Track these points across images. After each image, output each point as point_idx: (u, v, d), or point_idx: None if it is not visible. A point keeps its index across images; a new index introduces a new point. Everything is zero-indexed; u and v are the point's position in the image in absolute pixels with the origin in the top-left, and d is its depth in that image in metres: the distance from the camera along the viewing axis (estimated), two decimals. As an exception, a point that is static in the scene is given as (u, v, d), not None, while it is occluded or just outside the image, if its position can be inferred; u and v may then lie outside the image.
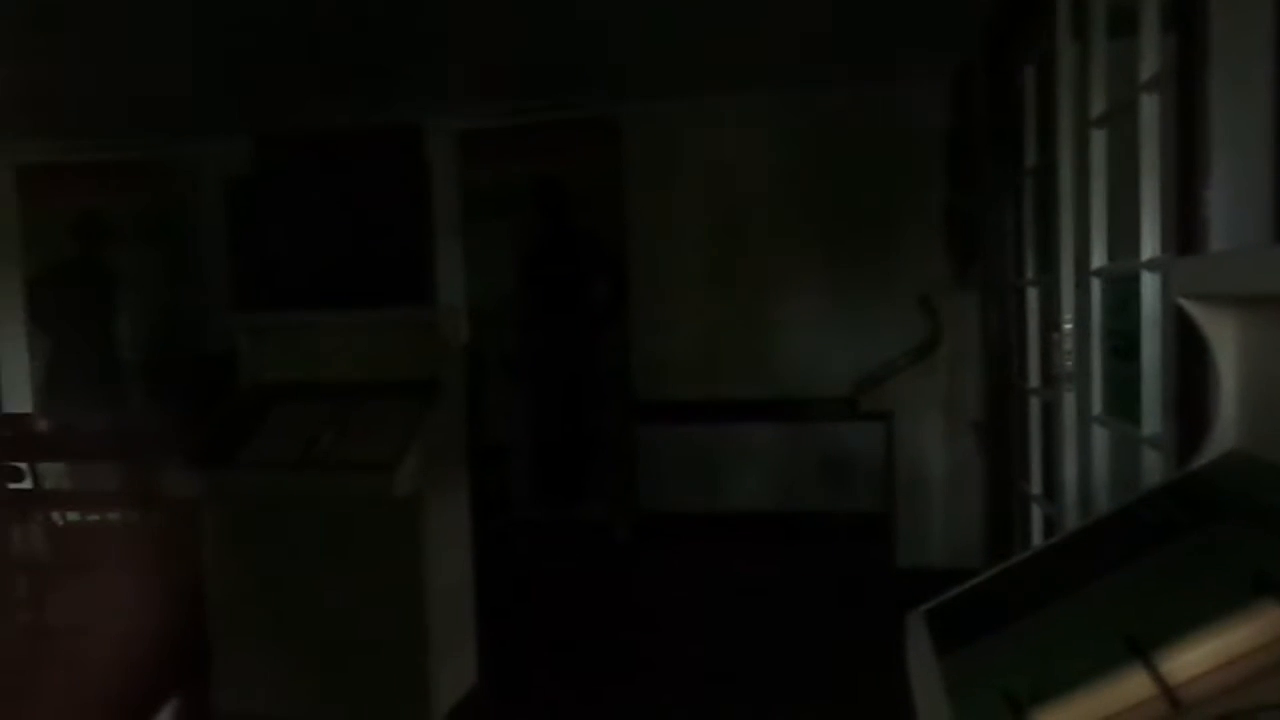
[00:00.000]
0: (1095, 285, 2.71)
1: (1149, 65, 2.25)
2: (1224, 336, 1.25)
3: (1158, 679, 0.90)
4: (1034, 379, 3.54)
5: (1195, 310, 1.25)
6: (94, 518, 4.84)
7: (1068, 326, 2.90)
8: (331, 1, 3.99)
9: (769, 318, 5.80)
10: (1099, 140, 2.65)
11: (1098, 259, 2.69)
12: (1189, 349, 1.78)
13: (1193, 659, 0.90)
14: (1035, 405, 3.51)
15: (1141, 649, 0.93)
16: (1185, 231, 1.87)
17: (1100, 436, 2.69)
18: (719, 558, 5.15)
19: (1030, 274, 3.65)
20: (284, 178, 6.22)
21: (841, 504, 5.55)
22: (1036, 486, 3.48)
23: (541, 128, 5.87)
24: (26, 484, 4.65)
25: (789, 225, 5.75)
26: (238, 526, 3.42)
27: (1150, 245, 2.29)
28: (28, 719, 3.26)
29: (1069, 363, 2.89)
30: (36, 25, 3.98)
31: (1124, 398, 2.69)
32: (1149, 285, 2.31)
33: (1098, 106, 2.64)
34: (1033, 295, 3.59)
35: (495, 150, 6.01)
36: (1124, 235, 2.52)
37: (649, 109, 5.68)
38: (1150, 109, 2.26)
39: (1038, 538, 3.47)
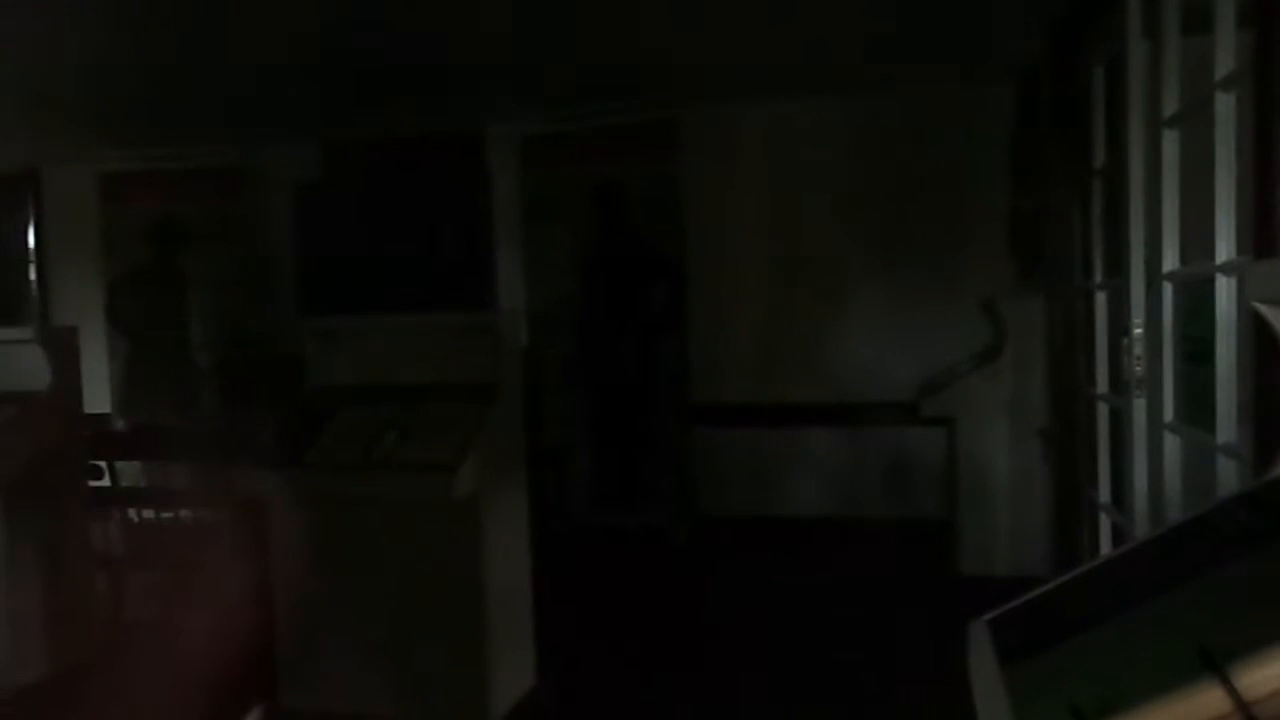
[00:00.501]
0: (1167, 289, 2.64)
1: (1224, 63, 2.18)
2: (1303, 342, 1.21)
3: (1233, 694, 0.87)
4: (1102, 385, 3.45)
5: (1272, 314, 1.21)
6: (168, 515, 5.01)
7: (1138, 331, 2.82)
8: (396, 9, 4.08)
9: (829, 322, 5.75)
10: (1171, 140, 2.58)
11: (1169, 262, 2.62)
12: (1265, 354, 1.72)
13: (1271, 674, 0.87)
14: (1103, 412, 3.42)
15: (1216, 662, 0.90)
16: (1261, 234, 1.81)
17: (1172, 444, 2.61)
18: (778, 563, 5.12)
19: (1098, 277, 3.56)
20: (350, 183, 6.38)
21: (903, 510, 5.48)
22: (1105, 495, 3.39)
23: (602, 132, 5.91)
24: (105, 481, 4.84)
25: (850, 229, 5.70)
26: (303, 526, 3.51)
27: (1225, 248, 2.22)
28: (109, 713, 3.38)
29: (1139, 368, 2.81)
30: (120, 31, 4.12)
31: (1197, 404, 2.61)
32: (1224, 289, 2.24)
33: (1170, 106, 2.57)
34: (1101, 299, 3.50)
35: (556, 155, 6.08)
36: (1197, 238, 2.45)
37: (710, 112, 5.69)
38: (1225, 108, 2.19)
39: (1106, 547, 3.39)
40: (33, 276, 7.14)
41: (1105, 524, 3.41)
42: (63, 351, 4.15)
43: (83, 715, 3.40)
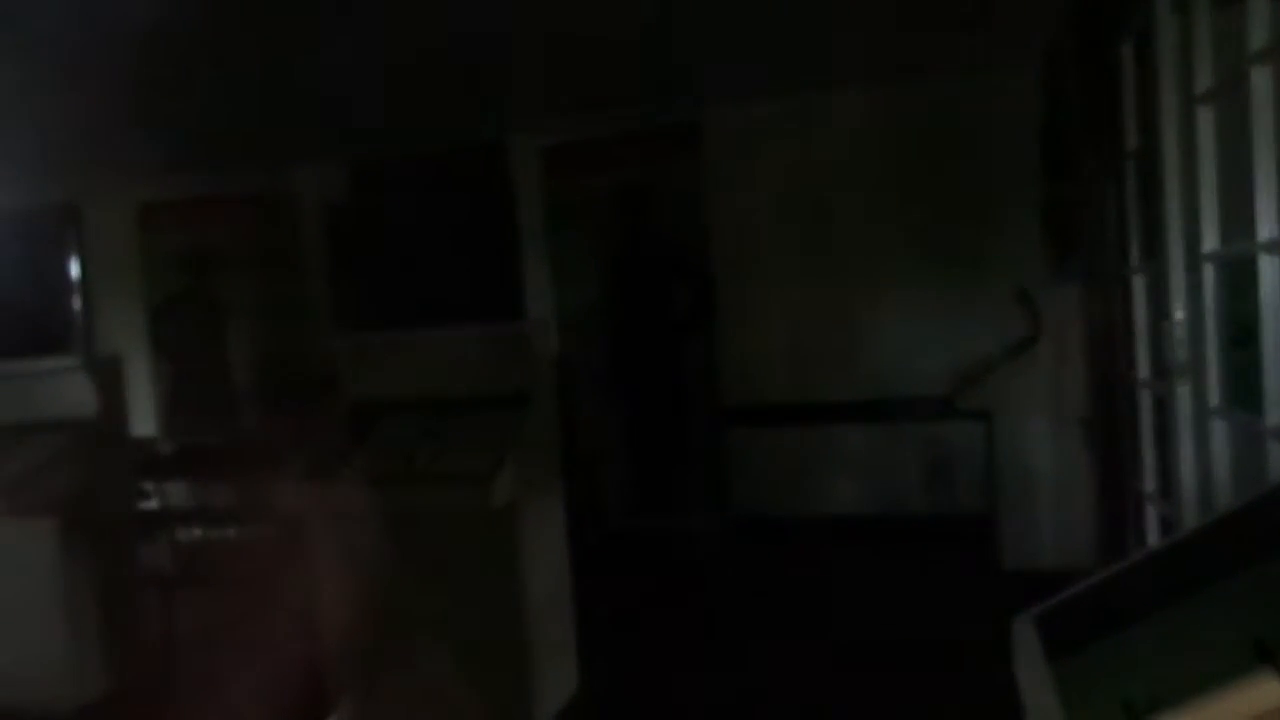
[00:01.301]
0: (1208, 270, 2.57)
1: (1258, 36, 2.13)
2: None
3: (1291, 686, 0.85)
4: (1144, 371, 3.38)
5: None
6: (215, 533, 5.10)
7: (1179, 315, 2.76)
8: (414, 19, 4.11)
9: (860, 317, 5.70)
10: (1205, 117, 2.52)
11: (1210, 243, 2.56)
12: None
13: (1329, 664, 0.84)
14: (1146, 399, 3.35)
15: (1271, 653, 0.88)
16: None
17: (1219, 430, 2.55)
18: (817, 562, 5.08)
19: (1135, 262, 3.49)
20: (379, 203, 6.46)
21: (942, 506, 5.41)
22: (1151, 484, 3.32)
23: (624, 137, 5.93)
24: (153, 503, 4.94)
25: (878, 222, 5.64)
26: (345, 539, 3.55)
27: (1267, 226, 2.17)
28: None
29: (1182, 353, 2.75)
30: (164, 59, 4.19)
31: (1244, 389, 2.54)
32: (1268, 268, 2.18)
33: (1203, 82, 2.51)
34: (1139, 284, 3.43)
35: (579, 161, 6.10)
36: (1236, 217, 2.39)
37: (731, 112, 5.67)
38: (1262, 81, 2.14)
39: (1153, 538, 3.31)
40: (77, 306, 7.31)
41: (1152, 514, 3.33)
42: (108, 379, 4.25)
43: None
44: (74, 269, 7.27)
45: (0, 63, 3.92)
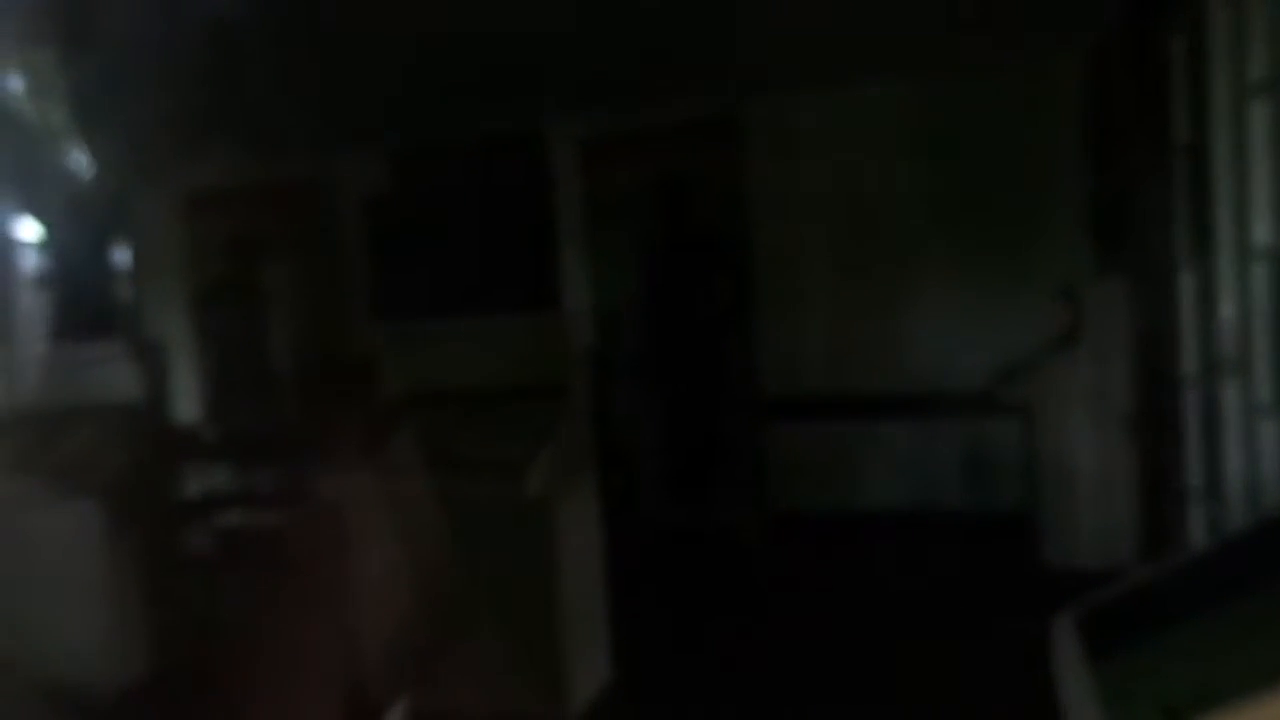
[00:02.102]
0: (1259, 267, 2.51)
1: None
2: None
3: (1340, 691, 0.83)
4: (1190, 368, 3.31)
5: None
6: (256, 518, 5.19)
7: (1227, 312, 2.70)
8: (459, 10, 4.13)
9: (900, 311, 5.65)
10: (1258, 110, 2.46)
11: (1260, 238, 2.50)
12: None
13: (1381, 671, 0.82)
14: (1193, 397, 3.29)
15: (1320, 659, 0.86)
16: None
17: (1269, 428, 2.49)
18: (853, 559, 5.04)
19: (1183, 258, 3.42)
20: (418, 192, 6.51)
21: (981, 502, 5.35)
22: (1196, 483, 3.25)
23: (664, 129, 5.91)
24: (196, 487, 5.04)
25: (920, 215, 5.58)
26: (381, 526, 3.60)
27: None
28: (204, 713, 3.52)
29: (1230, 351, 2.69)
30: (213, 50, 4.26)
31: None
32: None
33: (1256, 74, 2.45)
34: (1186, 280, 3.36)
35: (618, 153, 6.10)
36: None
37: (772, 103, 5.63)
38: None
39: (1197, 538, 3.25)
40: (126, 293, 7.47)
41: (1196, 514, 3.27)
42: (153, 364, 4.35)
43: (182, 716, 3.54)
44: (123, 256, 7.43)
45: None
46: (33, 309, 4.78)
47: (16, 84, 4.34)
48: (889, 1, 4.23)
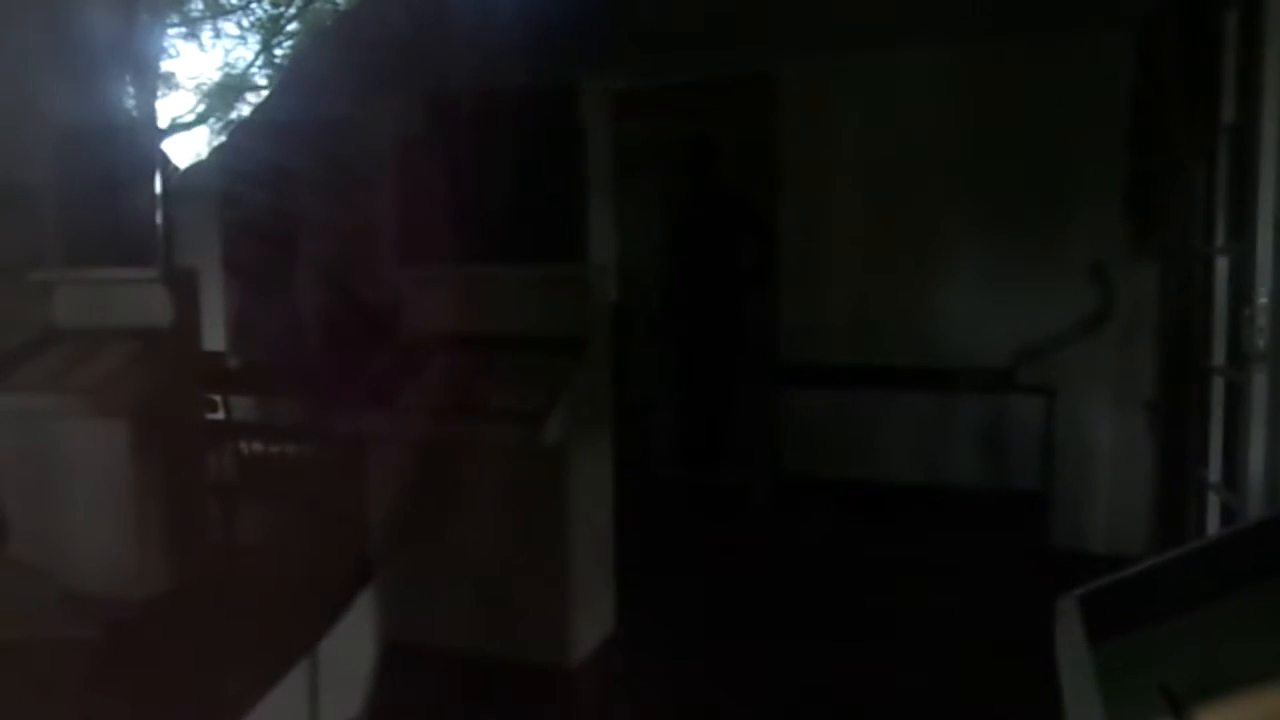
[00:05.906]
0: (1298, 256, 2.46)
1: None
2: None
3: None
4: (1219, 357, 3.26)
5: None
6: (276, 449, 5.28)
7: (1262, 300, 2.65)
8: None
9: (925, 282, 5.58)
10: (1313, 93, 2.39)
11: (1303, 226, 2.44)
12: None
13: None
14: (1219, 386, 3.24)
15: (1324, 652, 0.86)
16: None
17: (1294, 422, 2.46)
18: (860, 526, 5.07)
19: (1221, 242, 3.35)
20: (448, 138, 6.45)
21: (995, 479, 5.33)
22: (1215, 473, 3.22)
23: (696, 86, 5.82)
24: (219, 415, 5.13)
25: (951, 186, 5.48)
26: (398, 465, 3.65)
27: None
28: (215, 627, 3.63)
29: (1261, 340, 2.65)
30: None
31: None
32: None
33: (1314, 55, 2.37)
34: (1222, 265, 3.30)
35: (649, 109, 6.01)
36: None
37: (806, 65, 5.52)
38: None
39: (1213, 528, 3.23)
40: (159, 219, 7.51)
41: (1214, 504, 3.25)
42: (183, 291, 4.42)
43: (195, 628, 3.65)
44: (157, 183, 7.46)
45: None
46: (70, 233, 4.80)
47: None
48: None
